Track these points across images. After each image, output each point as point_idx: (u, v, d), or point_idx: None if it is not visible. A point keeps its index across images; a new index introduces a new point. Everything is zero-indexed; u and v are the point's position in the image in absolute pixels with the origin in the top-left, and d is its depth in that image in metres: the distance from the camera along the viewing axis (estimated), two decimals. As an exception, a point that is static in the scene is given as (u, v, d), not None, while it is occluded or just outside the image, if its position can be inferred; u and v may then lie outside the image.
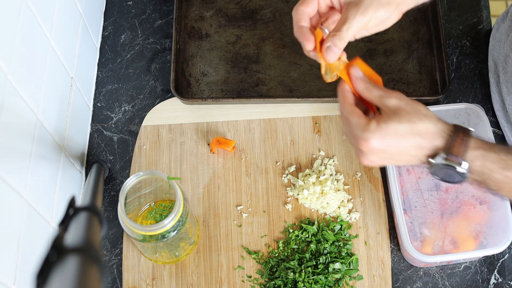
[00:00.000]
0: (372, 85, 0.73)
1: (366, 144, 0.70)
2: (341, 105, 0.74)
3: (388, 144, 0.69)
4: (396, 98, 0.70)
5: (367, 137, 0.69)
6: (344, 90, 0.75)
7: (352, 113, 0.72)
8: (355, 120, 0.71)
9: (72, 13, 0.95)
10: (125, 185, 0.82)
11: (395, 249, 0.96)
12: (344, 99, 0.74)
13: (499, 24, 1.03)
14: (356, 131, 0.71)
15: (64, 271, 0.46)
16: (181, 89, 1.05)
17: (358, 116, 0.72)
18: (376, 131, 0.69)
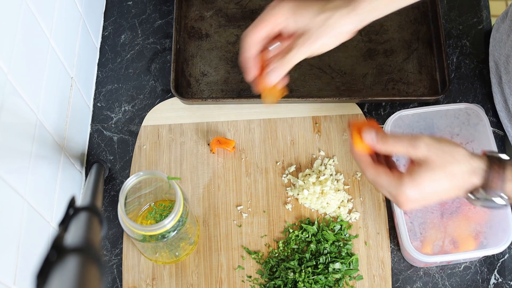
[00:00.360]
0: (395, 139, 0.71)
1: (404, 198, 0.70)
2: (364, 171, 0.73)
3: (426, 193, 0.69)
4: (424, 146, 0.69)
5: (403, 192, 0.69)
6: (359, 155, 0.74)
7: (379, 174, 0.72)
8: (385, 181, 0.71)
9: (72, 13, 0.95)
10: (125, 185, 0.82)
11: (395, 249, 0.96)
12: (364, 164, 0.73)
13: (499, 25, 1.03)
14: (391, 190, 0.71)
15: (64, 271, 0.46)
16: (181, 89, 1.05)
17: (387, 175, 0.71)
18: (412, 185, 0.69)
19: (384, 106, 1.05)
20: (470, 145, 0.94)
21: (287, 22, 0.76)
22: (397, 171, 0.72)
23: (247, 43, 0.77)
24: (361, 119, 0.76)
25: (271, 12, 0.76)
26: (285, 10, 0.76)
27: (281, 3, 0.76)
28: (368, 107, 1.04)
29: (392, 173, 0.71)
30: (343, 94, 1.04)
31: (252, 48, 0.77)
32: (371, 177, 0.73)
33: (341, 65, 1.07)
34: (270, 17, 0.76)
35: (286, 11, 0.76)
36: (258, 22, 0.77)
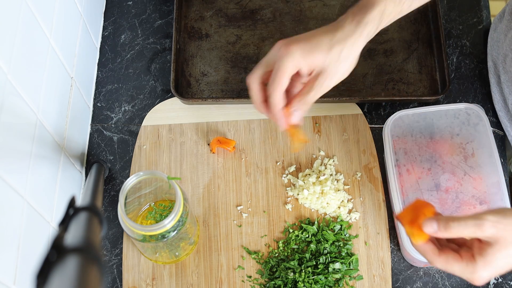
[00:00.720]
0: (459, 224, 0.68)
1: (481, 280, 0.69)
2: (432, 261, 0.71)
3: (500, 269, 0.69)
4: (491, 226, 0.67)
5: (479, 276, 0.68)
6: (422, 246, 0.72)
7: (449, 263, 0.70)
8: (457, 268, 0.69)
9: (72, 13, 0.95)
10: (125, 185, 0.82)
11: (395, 249, 0.96)
12: (430, 255, 0.71)
13: (496, 24, 1.03)
14: (465, 275, 0.69)
15: (64, 271, 0.46)
16: (181, 89, 1.05)
17: (458, 262, 0.69)
18: (486, 267, 0.68)
19: (384, 106, 1.05)
20: (470, 145, 0.94)
21: (300, 67, 0.76)
22: (465, 253, 0.70)
23: (274, 102, 0.77)
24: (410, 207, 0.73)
25: (283, 66, 0.75)
26: (296, 57, 0.75)
27: (289, 51, 0.75)
28: (368, 107, 1.04)
29: (461, 257, 0.69)
30: (343, 94, 1.04)
31: (278, 104, 0.77)
32: (442, 266, 0.71)
33: (341, 65, 1.06)
34: (284, 71, 0.75)
35: (297, 58, 0.75)
36: (275, 79, 0.76)
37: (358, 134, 1.02)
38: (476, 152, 0.93)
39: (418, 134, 0.95)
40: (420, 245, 0.71)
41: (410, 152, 0.97)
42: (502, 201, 0.87)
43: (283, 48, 0.76)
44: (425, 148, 0.95)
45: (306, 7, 1.11)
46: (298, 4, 1.11)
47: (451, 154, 0.95)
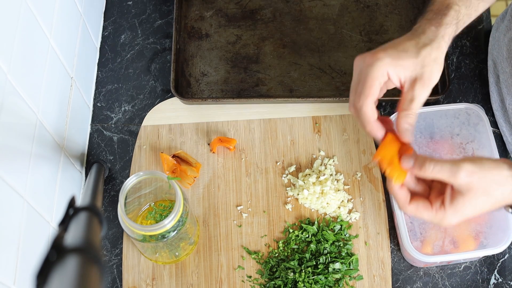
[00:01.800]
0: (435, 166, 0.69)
1: (448, 224, 0.71)
2: (403, 208, 0.73)
3: (467, 215, 0.70)
4: (466, 175, 0.68)
5: (448, 222, 0.70)
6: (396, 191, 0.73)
7: (418, 210, 0.72)
8: (426, 216, 0.71)
9: (72, 13, 0.95)
10: (125, 185, 0.82)
11: (395, 249, 0.96)
12: (401, 202, 0.73)
13: (498, 24, 1.03)
14: (434, 221, 0.71)
15: (64, 271, 0.46)
16: (181, 89, 1.05)
17: (427, 210, 0.71)
18: (455, 215, 0.69)
19: (384, 106, 1.05)
20: (470, 145, 0.94)
21: (390, 74, 0.72)
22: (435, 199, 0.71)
23: (367, 113, 0.73)
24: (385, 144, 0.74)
25: (372, 74, 0.71)
26: (385, 64, 0.71)
27: (377, 58, 0.71)
28: (368, 107, 1.04)
29: (431, 205, 0.71)
30: (343, 94, 1.04)
31: (372, 116, 0.73)
32: (412, 213, 0.72)
33: (341, 65, 1.07)
34: (374, 79, 0.71)
35: (386, 65, 0.71)
36: (365, 90, 0.71)
37: (358, 134, 1.02)
38: (476, 152, 0.93)
39: (418, 134, 0.95)
40: (395, 189, 0.72)
41: (410, 152, 0.97)
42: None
43: (369, 57, 0.72)
44: (425, 148, 0.95)
45: (306, 7, 1.11)
46: (298, 4, 1.11)
47: (451, 154, 0.95)
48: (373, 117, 0.73)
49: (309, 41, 1.09)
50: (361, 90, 0.72)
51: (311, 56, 1.07)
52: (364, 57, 0.73)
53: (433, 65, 0.73)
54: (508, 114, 0.97)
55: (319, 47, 1.08)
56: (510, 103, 0.96)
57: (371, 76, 0.71)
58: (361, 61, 0.74)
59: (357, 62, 0.74)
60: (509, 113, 0.96)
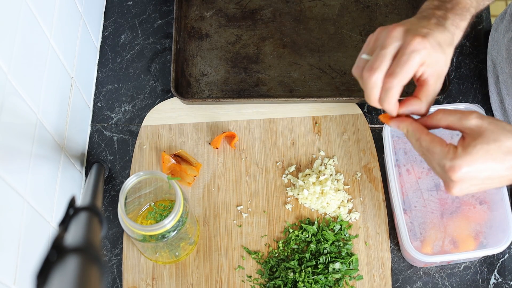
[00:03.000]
0: (445, 111, 0.69)
1: (457, 172, 0.67)
2: (418, 139, 0.70)
3: (479, 169, 0.67)
4: (477, 118, 0.67)
5: (457, 165, 0.66)
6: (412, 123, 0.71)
7: (434, 142, 0.69)
8: (438, 150, 0.68)
9: (72, 13, 0.95)
10: (125, 185, 0.82)
11: (395, 249, 0.96)
12: (419, 132, 0.70)
13: (497, 24, 1.03)
14: (443, 161, 0.68)
15: (64, 271, 0.46)
16: (181, 89, 1.05)
17: (441, 144, 0.68)
18: (465, 157, 0.66)
19: (384, 106, 1.05)
20: (470, 145, 0.94)
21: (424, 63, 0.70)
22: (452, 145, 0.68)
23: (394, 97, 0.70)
24: None
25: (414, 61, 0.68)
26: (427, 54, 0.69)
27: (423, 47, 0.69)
28: (368, 107, 1.04)
29: (446, 144, 0.68)
30: (343, 94, 1.04)
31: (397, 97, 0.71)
32: (425, 144, 0.69)
33: (341, 65, 1.07)
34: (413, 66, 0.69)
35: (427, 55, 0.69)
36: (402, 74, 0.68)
37: (358, 134, 1.02)
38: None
39: None
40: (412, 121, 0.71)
41: (410, 152, 0.97)
42: (502, 201, 0.87)
43: (417, 40, 0.68)
44: (425, 148, 0.95)
45: (306, 7, 1.11)
46: (298, 4, 1.12)
47: (451, 154, 0.94)
48: (397, 98, 0.71)
49: (309, 41, 1.09)
50: (398, 72, 0.68)
51: (311, 56, 1.07)
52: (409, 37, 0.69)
53: (449, 64, 0.72)
54: (508, 114, 0.97)
55: (319, 47, 1.08)
56: (510, 103, 0.96)
57: (413, 62, 0.68)
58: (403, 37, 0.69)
59: (399, 34, 0.70)
60: (508, 113, 0.97)
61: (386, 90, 0.70)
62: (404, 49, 0.69)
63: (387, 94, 0.70)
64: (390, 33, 0.70)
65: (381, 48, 0.70)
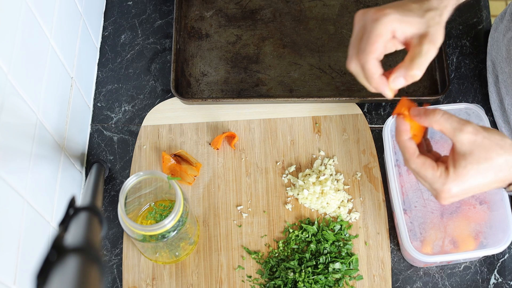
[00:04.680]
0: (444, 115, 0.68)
1: (448, 194, 0.68)
2: (409, 160, 0.70)
3: (469, 188, 0.68)
4: (471, 133, 0.66)
5: (448, 188, 0.67)
6: (405, 142, 0.71)
7: (424, 166, 0.69)
8: (430, 175, 0.68)
9: (72, 13, 0.95)
10: (125, 185, 0.82)
11: (395, 249, 0.96)
12: (409, 154, 0.70)
13: (497, 24, 1.03)
14: (435, 185, 0.68)
15: (64, 271, 0.46)
16: (181, 89, 1.05)
17: (432, 168, 0.68)
18: (456, 180, 0.67)
19: (384, 106, 1.05)
20: (470, 145, 0.94)
21: (395, 31, 0.70)
22: (441, 163, 0.69)
23: (371, 70, 0.70)
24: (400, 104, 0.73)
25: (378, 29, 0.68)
26: (392, 20, 0.68)
27: (384, 13, 0.69)
28: (368, 107, 1.04)
29: (437, 167, 0.68)
30: (343, 94, 1.04)
31: (376, 71, 0.70)
32: (416, 167, 0.69)
33: (341, 65, 1.07)
34: (379, 34, 0.68)
35: (393, 21, 0.68)
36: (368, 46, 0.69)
37: (358, 134, 1.02)
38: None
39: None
40: (404, 140, 0.71)
41: (410, 152, 0.97)
42: (502, 201, 0.87)
43: (375, 12, 0.69)
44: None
45: (306, 7, 1.11)
46: (298, 4, 1.12)
47: (451, 154, 0.95)
48: (377, 72, 0.70)
49: (309, 41, 1.09)
50: (365, 46, 0.69)
51: (311, 56, 1.07)
52: (367, 12, 0.70)
53: (438, 27, 0.70)
54: (507, 114, 0.97)
55: (319, 47, 1.08)
56: (509, 103, 0.96)
57: (376, 32, 0.68)
58: (364, 15, 0.71)
59: (360, 17, 0.71)
60: (508, 113, 0.97)
61: (363, 69, 0.70)
62: (365, 25, 0.70)
63: (364, 71, 0.70)
64: (354, 20, 0.72)
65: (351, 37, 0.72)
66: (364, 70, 0.71)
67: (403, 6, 0.70)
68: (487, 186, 0.68)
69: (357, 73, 0.72)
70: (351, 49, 0.72)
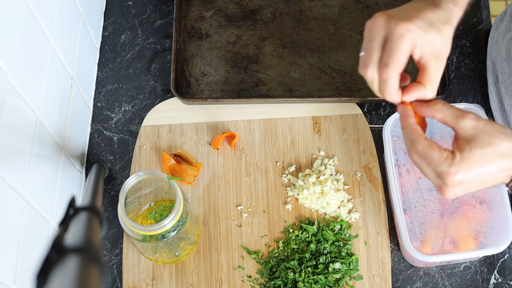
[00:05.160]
0: (445, 105, 0.68)
1: (453, 178, 0.66)
2: (415, 142, 0.69)
3: (475, 174, 0.67)
4: (472, 119, 0.66)
5: (454, 171, 0.66)
6: (412, 125, 0.70)
7: (431, 147, 0.68)
8: (436, 155, 0.67)
9: (72, 13, 0.95)
10: (125, 185, 0.82)
11: (395, 249, 0.96)
12: (416, 135, 0.69)
13: (497, 24, 1.03)
14: (441, 167, 0.67)
15: (64, 271, 0.46)
16: (181, 89, 1.05)
17: (439, 150, 0.67)
18: (462, 163, 0.66)
19: (384, 106, 1.05)
20: (470, 145, 0.94)
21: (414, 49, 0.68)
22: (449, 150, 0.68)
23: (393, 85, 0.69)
24: None
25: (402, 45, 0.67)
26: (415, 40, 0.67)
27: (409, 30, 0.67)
28: (368, 107, 1.05)
29: (443, 149, 0.67)
30: (343, 94, 1.04)
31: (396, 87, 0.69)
32: (422, 149, 0.68)
33: (341, 65, 1.07)
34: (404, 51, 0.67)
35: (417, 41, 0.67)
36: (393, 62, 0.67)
37: (358, 134, 1.02)
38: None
39: None
40: (411, 122, 0.70)
41: (410, 152, 0.97)
42: (502, 201, 0.87)
43: (400, 23, 0.67)
44: (425, 148, 0.95)
45: (306, 7, 1.11)
46: (298, 4, 1.12)
47: (451, 154, 0.94)
48: (397, 87, 0.70)
49: (309, 41, 1.09)
50: (389, 60, 0.67)
51: (311, 56, 1.07)
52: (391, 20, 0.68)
53: (449, 43, 0.70)
54: (507, 114, 0.97)
55: (319, 47, 1.08)
56: (509, 103, 0.96)
57: (402, 48, 0.67)
58: (387, 23, 0.69)
59: (382, 23, 0.69)
60: (507, 113, 0.97)
61: (383, 82, 0.69)
62: (390, 37, 0.68)
63: (384, 85, 0.69)
64: (373, 24, 0.70)
65: (368, 41, 0.70)
66: (384, 83, 0.69)
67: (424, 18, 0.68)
68: (492, 176, 0.67)
69: (372, 81, 0.71)
70: (369, 55, 0.70)
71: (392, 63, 0.67)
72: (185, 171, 0.97)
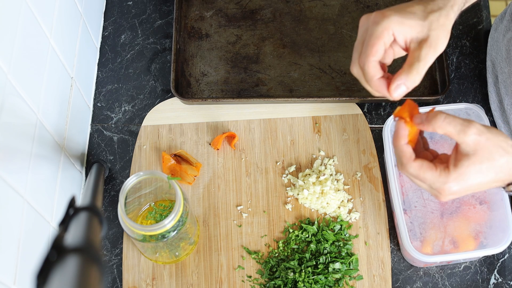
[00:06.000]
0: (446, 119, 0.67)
1: (448, 192, 0.68)
2: (406, 165, 0.69)
3: (469, 186, 0.68)
4: (475, 134, 0.66)
5: (448, 187, 0.67)
6: (402, 146, 0.70)
7: (422, 169, 0.68)
8: (429, 176, 0.68)
9: (72, 13, 0.95)
10: (125, 185, 0.82)
11: (395, 249, 0.96)
12: (406, 158, 0.70)
13: (497, 24, 1.03)
14: (435, 185, 0.68)
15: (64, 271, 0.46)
16: (181, 89, 1.05)
17: (431, 169, 0.68)
18: (458, 179, 0.67)
19: (384, 106, 1.05)
20: (470, 145, 0.94)
21: (396, 35, 0.70)
22: (439, 164, 0.69)
23: (370, 72, 0.70)
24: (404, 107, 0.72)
25: (377, 31, 0.69)
26: (392, 23, 0.69)
27: (384, 16, 0.69)
28: (368, 107, 1.05)
29: (436, 167, 0.68)
30: (343, 94, 1.04)
31: (375, 73, 0.71)
32: (414, 171, 0.69)
33: (341, 65, 1.07)
34: (378, 37, 0.69)
35: (393, 24, 0.69)
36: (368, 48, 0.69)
37: (358, 134, 1.02)
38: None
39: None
40: (401, 144, 0.70)
41: (410, 152, 0.97)
42: (502, 201, 0.87)
43: (376, 15, 0.70)
44: (425, 148, 0.95)
45: (306, 7, 1.11)
46: (298, 4, 1.12)
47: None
48: (377, 75, 0.71)
49: (309, 41, 1.09)
50: (365, 49, 0.70)
51: (311, 56, 1.07)
52: (370, 15, 0.71)
53: (441, 30, 0.70)
54: (506, 114, 0.97)
55: (319, 47, 1.08)
56: (508, 103, 0.96)
57: (376, 34, 0.69)
58: (367, 19, 0.71)
59: (363, 21, 0.72)
60: (507, 113, 0.97)
61: (363, 72, 0.71)
62: (367, 28, 0.70)
63: (365, 74, 0.70)
64: (359, 24, 0.72)
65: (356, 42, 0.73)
66: (364, 72, 0.71)
67: (406, 9, 0.70)
68: (487, 185, 0.69)
69: (359, 76, 0.73)
70: (354, 53, 0.73)
71: (367, 49, 0.69)
72: (185, 171, 0.97)
